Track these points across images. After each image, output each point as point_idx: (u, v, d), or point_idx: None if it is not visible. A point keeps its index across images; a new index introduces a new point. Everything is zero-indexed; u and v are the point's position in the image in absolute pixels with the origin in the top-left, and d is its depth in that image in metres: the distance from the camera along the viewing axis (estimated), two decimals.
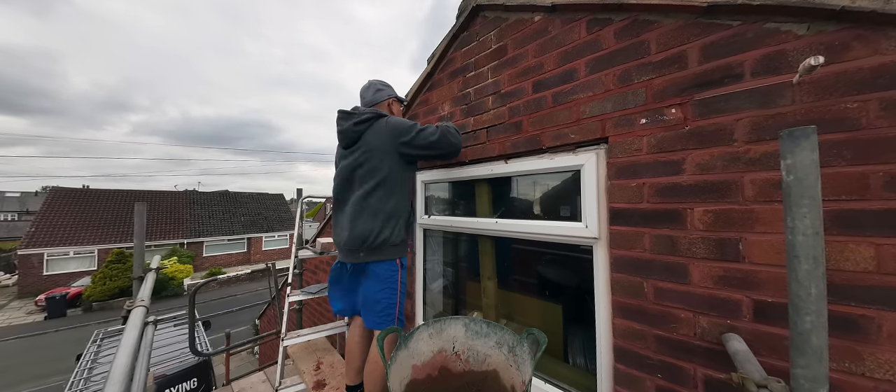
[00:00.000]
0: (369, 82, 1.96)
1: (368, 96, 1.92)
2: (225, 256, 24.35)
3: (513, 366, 1.42)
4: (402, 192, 1.78)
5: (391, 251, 1.74)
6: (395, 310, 1.73)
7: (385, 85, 1.95)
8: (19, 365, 10.42)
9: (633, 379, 1.23)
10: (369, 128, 1.74)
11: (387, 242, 1.71)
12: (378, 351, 1.34)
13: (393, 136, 1.70)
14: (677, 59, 1.15)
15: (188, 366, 3.39)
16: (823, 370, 0.66)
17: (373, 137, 1.72)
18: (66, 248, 18.66)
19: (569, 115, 1.44)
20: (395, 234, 1.73)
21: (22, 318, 15.12)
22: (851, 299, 0.86)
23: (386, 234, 1.70)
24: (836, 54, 0.89)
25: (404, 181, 1.80)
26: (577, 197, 1.47)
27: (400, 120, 1.78)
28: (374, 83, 1.94)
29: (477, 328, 1.56)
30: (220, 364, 7.30)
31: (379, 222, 1.70)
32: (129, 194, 23.67)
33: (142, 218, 2.65)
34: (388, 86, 1.96)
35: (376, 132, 1.72)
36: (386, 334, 1.42)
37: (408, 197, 1.84)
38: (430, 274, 2.40)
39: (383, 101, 1.92)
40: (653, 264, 1.18)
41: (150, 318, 1.99)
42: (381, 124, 1.74)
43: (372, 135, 1.73)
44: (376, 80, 1.96)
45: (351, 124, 1.75)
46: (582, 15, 1.42)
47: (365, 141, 1.73)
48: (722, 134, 1.05)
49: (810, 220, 0.65)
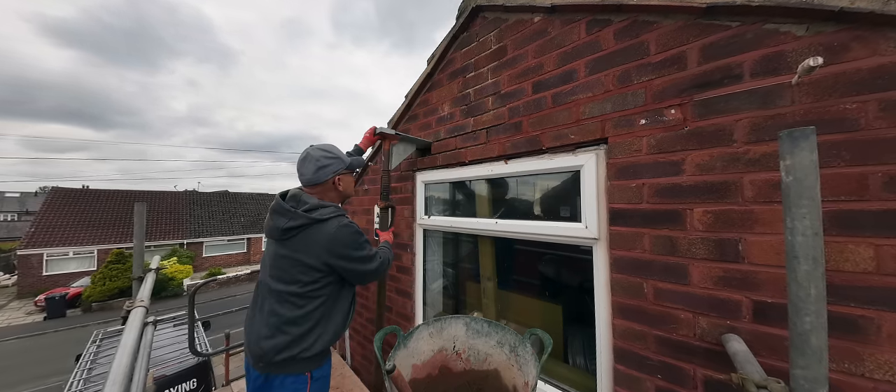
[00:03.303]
0: (308, 154, 1.52)
1: (309, 174, 1.50)
2: (225, 257, 24.32)
3: (514, 365, 1.42)
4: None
5: (302, 365, 1.41)
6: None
7: (330, 157, 1.52)
8: (19, 365, 10.41)
9: (633, 379, 1.23)
10: (303, 232, 1.42)
11: (296, 357, 1.38)
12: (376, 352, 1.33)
13: (330, 250, 1.41)
14: (677, 60, 1.15)
15: (188, 366, 3.38)
16: (823, 371, 0.66)
17: (307, 246, 1.40)
18: (65, 249, 18.63)
19: (569, 116, 1.44)
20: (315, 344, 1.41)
21: (21, 318, 15.10)
22: (851, 300, 0.86)
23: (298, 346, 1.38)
24: (835, 55, 0.89)
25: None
26: (576, 197, 1.47)
27: (343, 238, 1.42)
28: (315, 157, 1.50)
29: (478, 327, 1.57)
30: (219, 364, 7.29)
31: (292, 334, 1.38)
32: (129, 194, 23.64)
33: (141, 218, 2.65)
34: (334, 157, 1.53)
35: (314, 240, 1.40)
36: (383, 333, 1.41)
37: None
38: (430, 274, 2.40)
39: (328, 178, 1.52)
40: (653, 265, 1.18)
41: (149, 319, 1.99)
42: (322, 233, 1.41)
43: (306, 243, 1.41)
44: (319, 152, 1.52)
45: (281, 226, 1.41)
46: (581, 16, 1.42)
47: (297, 245, 1.41)
48: (721, 134, 1.05)
49: (810, 220, 0.65)
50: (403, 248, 2.43)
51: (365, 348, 2.80)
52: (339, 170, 1.55)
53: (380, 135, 2.01)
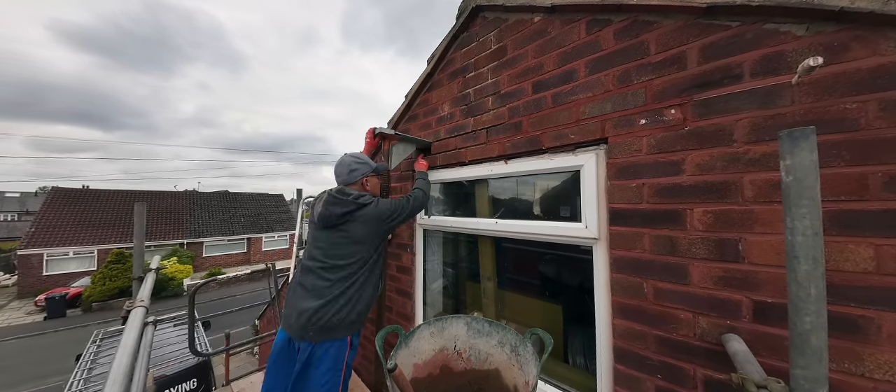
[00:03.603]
0: (342, 160, 1.90)
1: (344, 175, 1.88)
2: (225, 257, 24.35)
3: (515, 365, 1.42)
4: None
5: (344, 329, 1.69)
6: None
7: (360, 162, 1.89)
8: (19, 365, 10.41)
9: (633, 379, 1.23)
10: (352, 216, 1.76)
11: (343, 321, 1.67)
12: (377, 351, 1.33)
13: (378, 222, 1.79)
14: (677, 60, 1.15)
15: (188, 366, 3.39)
16: (823, 371, 0.66)
17: (357, 226, 1.75)
18: (65, 249, 18.65)
19: (569, 116, 1.44)
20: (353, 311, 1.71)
21: (21, 318, 15.11)
22: (851, 300, 0.86)
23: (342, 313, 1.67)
24: (834, 55, 0.89)
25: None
26: (576, 197, 1.47)
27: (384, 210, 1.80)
28: (348, 162, 1.88)
29: (479, 327, 1.57)
30: (219, 364, 7.30)
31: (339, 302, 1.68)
32: (130, 194, 23.65)
33: (141, 218, 2.65)
34: (362, 162, 1.90)
35: (364, 220, 1.76)
36: (385, 333, 1.41)
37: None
38: (430, 274, 2.40)
39: (358, 180, 1.88)
40: (653, 265, 1.18)
41: (149, 319, 1.99)
42: (367, 213, 1.77)
43: (356, 224, 1.75)
44: (350, 158, 1.90)
45: (336, 213, 1.75)
46: (581, 16, 1.42)
47: (348, 227, 1.75)
48: (721, 134, 1.05)
49: (810, 220, 0.65)
50: (403, 248, 2.43)
51: (365, 348, 2.80)
52: (367, 173, 1.91)
53: (379, 135, 2.01)
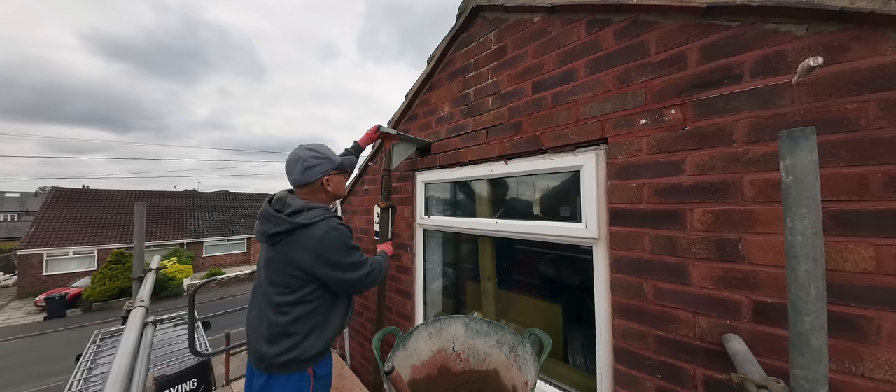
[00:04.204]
0: (295, 154, 1.45)
1: (296, 174, 1.44)
2: (225, 257, 24.32)
3: (514, 365, 1.42)
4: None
5: (303, 364, 1.40)
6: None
7: (318, 157, 1.46)
8: (19, 365, 10.41)
9: (633, 379, 1.23)
10: (285, 239, 1.37)
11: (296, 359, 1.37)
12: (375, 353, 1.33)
13: (317, 258, 1.35)
14: (677, 60, 1.15)
15: (188, 366, 3.38)
16: (823, 371, 0.66)
17: (294, 252, 1.36)
18: (65, 249, 18.63)
19: (568, 116, 1.44)
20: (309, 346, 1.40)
21: (21, 318, 15.10)
22: (851, 300, 0.86)
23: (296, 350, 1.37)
24: (835, 55, 0.89)
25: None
26: (576, 197, 1.47)
27: (330, 242, 1.36)
28: (303, 157, 1.44)
29: (477, 327, 1.57)
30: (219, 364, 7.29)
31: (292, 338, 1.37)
32: (129, 194, 23.64)
33: (141, 218, 2.65)
34: (322, 157, 1.47)
35: (303, 247, 1.35)
36: (382, 334, 1.40)
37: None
38: (430, 274, 2.40)
39: (316, 179, 1.46)
40: (653, 265, 1.18)
41: (149, 319, 1.99)
42: (306, 240, 1.35)
43: (292, 249, 1.36)
44: (307, 152, 1.45)
45: (267, 232, 1.37)
46: (581, 16, 1.42)
47: (285, 250, 1.37)
48: (721, 134, 1.05)
49: (810, 220, 0.65)
50: (403, 248, 2.43)
51: (365, 348, 2.80)
52: (328, 170, 1.48)
53: (382, 134, 2.02)
